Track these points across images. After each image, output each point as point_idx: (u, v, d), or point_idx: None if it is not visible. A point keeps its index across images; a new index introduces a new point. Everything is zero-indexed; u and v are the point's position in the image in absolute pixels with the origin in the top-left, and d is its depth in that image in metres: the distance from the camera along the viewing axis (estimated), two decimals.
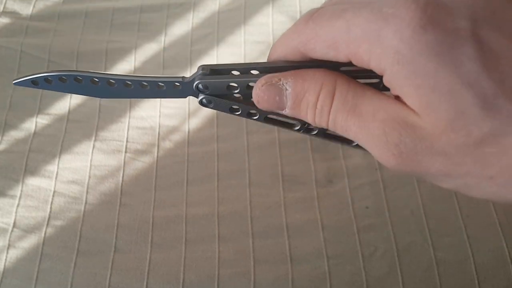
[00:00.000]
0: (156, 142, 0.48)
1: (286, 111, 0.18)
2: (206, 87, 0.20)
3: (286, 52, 0.18)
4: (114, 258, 0.42)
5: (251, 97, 0.19)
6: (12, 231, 0.43)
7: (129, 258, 0.42)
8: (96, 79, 0.22)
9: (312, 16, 0.17)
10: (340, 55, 0.16)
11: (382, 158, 0.16)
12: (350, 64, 0.17)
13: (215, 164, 0.46)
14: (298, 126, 0.21)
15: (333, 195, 0.44)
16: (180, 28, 0.56)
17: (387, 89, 0.16)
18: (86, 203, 0.44)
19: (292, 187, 0.45)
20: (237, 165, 0.46)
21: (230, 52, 0.54)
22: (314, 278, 0.40)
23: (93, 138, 0.48)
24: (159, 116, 0.50)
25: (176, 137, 0.48)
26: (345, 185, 0.45)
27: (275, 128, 0.48)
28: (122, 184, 0.45)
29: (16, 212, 0.44)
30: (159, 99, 0.51)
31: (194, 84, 0.20)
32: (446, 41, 0.14)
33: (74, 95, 0.51)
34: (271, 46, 0.20)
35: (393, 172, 0.17)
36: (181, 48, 0.55)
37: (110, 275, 0.41)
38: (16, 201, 0.44)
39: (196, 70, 0.20)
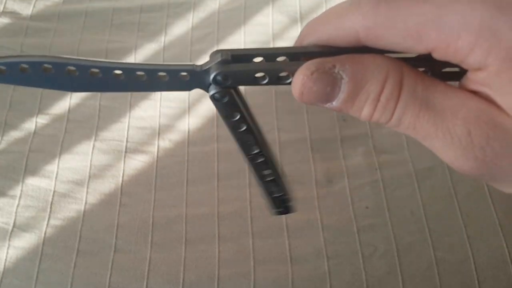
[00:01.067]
0: (156, 142, 0.48)
1: (334, 104, 0.15)
2: (226, 77, 0.16)
3: (334, 34, 0.15)
4: (114, 258, 0.42)
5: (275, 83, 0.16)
6: (12, 231, 0.43)
7: (129, 258, 0.42)
8: (73, 68, 0.17)
9: None
10: (420, 46, 0.14)
11: (459, 161, 0.14)
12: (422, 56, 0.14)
13: (215, 164, 0.46)
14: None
15: (333, 195, 0.44)
16: (180, 28, 0.56)
17: None
18: (86, 203, 0.44)
19: (292, 187, 0.45)
20: (237, 165, 0.46)
21: None
22: (314, 278, 0.40)
23: (93, 138, 0.48)
24: (159, 116, 0.50)
25: (176, 137, 0.48)
26: (345, 185, 0.45)
27: (275, 128, 0.48)
28: (122, 184, 0.45)
29: (16, 212, 0.44)
30: (159, 98, 0.51)
31: (212, 75, 0.16)
32: None
33: (74, 95, 0.51)
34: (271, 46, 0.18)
35: (463, 175, 0.14)
36: (181, 48, 0.55)
37: (110, 275, 0.41)
38: (16, 201, 0.44)
39: (209, 58, 0.17)
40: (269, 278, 0.40)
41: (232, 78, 0.16)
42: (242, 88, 0.18)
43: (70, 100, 0.51)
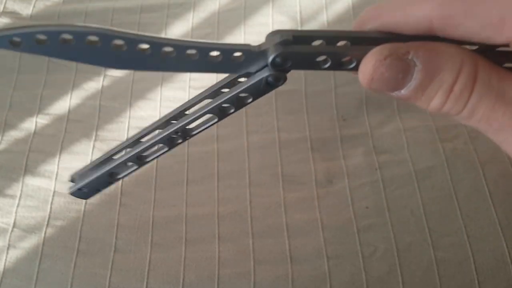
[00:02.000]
0: None
1: (402, 93, 0.14)
2: (286, 60, 0.15)
3: (402, 21, 0.14)
4: (114, 258, 0.42)
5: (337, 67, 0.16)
6: (12, 231, 0.43)
7: (129, 258, 0.42)
8: (121, 42, 0.16)
9: None
10: (500, 37, 0.13)
11: None
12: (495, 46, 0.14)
13: (215, 164, 0.46)
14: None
15: (333, 195, 0.44)
16: (180, 28, 0.56)
17: None
18: (86, 203, 0.44)
19: (292, 187, 0.45)
20: (237, 165, 0.46)
21: None
22: (314, 278, 0.40)
23: (93, 138, 0.48)
24: (159, 116, 0.49)
25: None
26: (345, 185, 0.45)
27: (275, 128, 0.48)
28: (122, 184, 0.45)
29: (16, 212, 0.44)
30: (159, 98, 0.51)
31: (272, 56, 0.15)
32: None
33: (74, 95, 0.51)
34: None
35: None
36: None
37: (110, 275, 0.41)
38: (16, 201, 0.44)
39: (265, 39, 0.16)
40: (269, 278, 0.40)
41: (292, 60, 0.15)
42: None
43: (70, 100, 0.51)
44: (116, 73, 0.53)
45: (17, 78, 0.52)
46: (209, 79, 0.52)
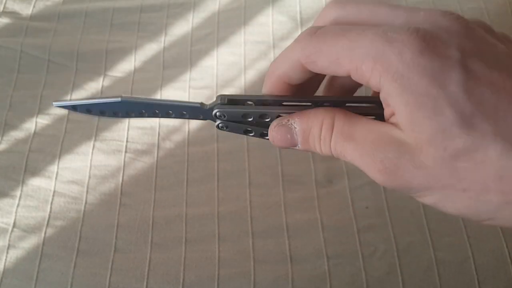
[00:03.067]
0: (156, 142, 0.48)
1: (299, 147, 0.20)
2: (223, 115, 0.22)
3: (288, 66, 0.19)
4: (114, 258, 0.42)
5: (263, 125, 0.22)
6: (12, 231, 0.43)
7: (129, 258, 0.42)
8: (144, 110, 0.23)
9: (315, 32, 0.18)
10: (341, 70, 0.18)
11: (371, 174, 0.18)
12: (350, 93, 0.21)
13: (215, 164, 0.46)
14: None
15: (333, 195, 0.44)
16: (180, 28, 0.56)
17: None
18: (86, 203, 0.44)
19: (292, 187, 0.45)
20: (237, 165, 0.46)
21: (230, 52, 0.54)
22: (314, 278, 0.40)
23: (93, 138, 0.48)
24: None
25: (176, 137, 0.48)
26: (345, 185, 0.45)
27: None
28: (122, 184, 0.45)
29: (16, 212, 0.44)
30: (159, 98, 0.51)
31: (213, 112, 0.22)
32: (438, 65, 0.16)
33: (74, 95, 0.51)
34: (271, 47, 0.21)
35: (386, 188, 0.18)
36: (181, 48, 0.55)
37: (110, 275, 0.41)
38: (16, 201, 0.44)
39: (215, 99, 0.22)
40: (269, 278, 0.40)
41: (227, 115, 0.22)
42: (242, 87, 0.21)
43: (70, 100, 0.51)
44: (116, 73, 0.53)
45: (17, 78, 0.52)
46: (208, 79, 0.52)
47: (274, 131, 0.20)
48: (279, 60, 0.20)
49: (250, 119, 0.22)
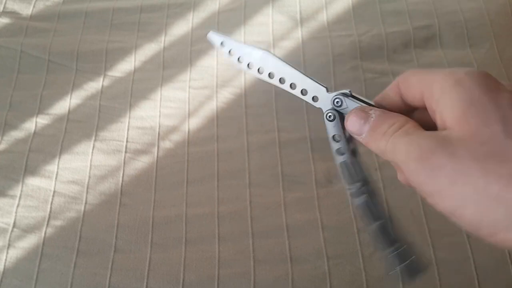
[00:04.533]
0: (156, 142, 0.48)
1: (363, 136, 0.22)
2: (341, 101, 0.24)
3: (393, 85, 0.23)
4: (114, 258, 0.42)
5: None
6: (12, 231, 0.43)
7: (129, 258, 0.42)
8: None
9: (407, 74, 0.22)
10: (419, 102, 0.21)
11: (407, 163, 0.19)
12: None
13: (215, 164, 0.46)
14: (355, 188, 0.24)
15: (333, 195, 0.44)
16: (180, 28, 0.56)
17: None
18: (86, 203, 0.44)
19: (292, 187, 0.45)
20: (237, 165, 0.46)
21: None
22: (314, 278, 0.40)
23: (93, 138, 0.48)
24: (159, 116, 0.50)
25: (176, 137, 0.48)
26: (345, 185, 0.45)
27: (275, 128, 0.48)
28: (122, 184, 0.45)
29: (16, 212, 0.44)
30: (159, 98, 0.51)
31: (333, 97, 0.24)
32: (494, 85, 0.19)
33: (74, 95, 0.51)
34: (271, 46, 0.22)
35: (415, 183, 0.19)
36: (181, 48, 0.55)
37: (110, 275, 0.41)
38: (16, 201, 0.44)
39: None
40: (269, 278, 0.40)
41: (344, 104, 0.23)
42: (242, 87, 0.21)
43: (70, 100, 0.51)
44: (116, 73, 0.53)
45: (17, 78, 0.52)
46: (208, 79, 0.52)
47: (354, 113, 0.22)
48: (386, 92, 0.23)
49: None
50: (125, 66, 0.53)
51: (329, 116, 0.24)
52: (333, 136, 0.25)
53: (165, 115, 0.49)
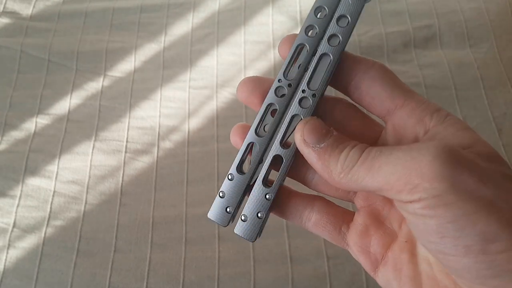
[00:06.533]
0: (156, 142, 0.48)
1: (318, 148, 0.20)
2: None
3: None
4: (114, 258, 0.42)
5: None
6: (12, 231, 0.43)
7: (129, 258, 0.42)
8: None
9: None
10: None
11: (399, 192, 0.18)
12: None
13: (215, 164, 0.46)
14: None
15: None
16: (180, 28, 0.56)
17: None
18: (86, 203, 0.44)
19: (292, 187, 0.45)
20: None
21: (230, 52, 0.54)
22: (314, 278, 0.40)
23: (93, 138, 0.48)
24: (159, 116, 0.50)
25: (176, 137, 0.48)
26: None
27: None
28: (122, 184, 0.45)
29: (16, 212, 0.44)
30: (159, 98, 0.51)
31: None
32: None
33: (74, 95, 0.51)
34: (271, 47, 0.21)
35: None
36: (181, 48, 0.55)
37: (110, 275, 0.41)
38: (16, 201, 0.44)
39: None
40: (269, 278, 0.40)
41: None
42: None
43: (70, 100, 0.51)
44: (116, 73, 0.53)
45: (17, 78, 0.52)
46: (208, 79, 0.52)
47: (313, 120, 0.21)
48: None
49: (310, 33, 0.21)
50: (125, 66, 0.53)
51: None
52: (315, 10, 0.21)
53: (165, 115, 0.49)
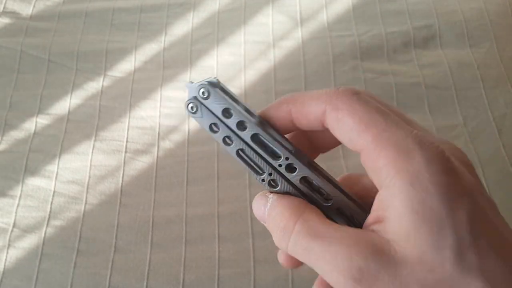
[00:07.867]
0: (156, 142, 0.48)
1: (265, 220, 0.20)
2: (207, 93, 0.21)
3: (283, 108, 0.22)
4: (114, 258, 0.42)
5: (232, 137, 0.21)
6: (12, 231, 0.43)
7: (129, 258, 0.42)
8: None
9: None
10: (322, 126, 0.19)
11: (340, 279, 0.16)
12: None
13: (215, 164, 0.46)
14: (263, 175, 0.21)
15: None
16: (180, 28, 0.56)
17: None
18: (86, 203, 0.44)
19: None
20: (237, 165, 0.46)
21: (230, 52, 0.54)
22: (314, 278, 0.40)
23: (93, 138, 0.48)
24: (159, 116, 0.50)
25: (176, 137, 0.48)
26: None
27: None
28: (122, 184, 0.45)
29: (16, 212, 0.44)
30: (159, 98, 0.51)
31: (197, 87, 0.20)
32: (457, 189, 0.16)
33: (74, 95, 0.51)
34: (271, 47, 0.20)
35: None
36: (181, 48, 0.55)
37: (110, 275, 0.41)
38: (16, 201, 0.44)
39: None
40: (269, 278, 0.40)
41: (210, 96, 0.21)
42: (242, 87, 0.20)
43: (70, 100, 0.51)
44: (116, 73, 0.53)
45: (17, 78, 0.52)
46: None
47: (257, 198, 0.21)
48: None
49: (227, 118, 0.20)
50: (125, 66, 0.53)
51: (192, 108, 0.20)
52: (211, 127, 0.21)
53: (165, 115, 0.49)
